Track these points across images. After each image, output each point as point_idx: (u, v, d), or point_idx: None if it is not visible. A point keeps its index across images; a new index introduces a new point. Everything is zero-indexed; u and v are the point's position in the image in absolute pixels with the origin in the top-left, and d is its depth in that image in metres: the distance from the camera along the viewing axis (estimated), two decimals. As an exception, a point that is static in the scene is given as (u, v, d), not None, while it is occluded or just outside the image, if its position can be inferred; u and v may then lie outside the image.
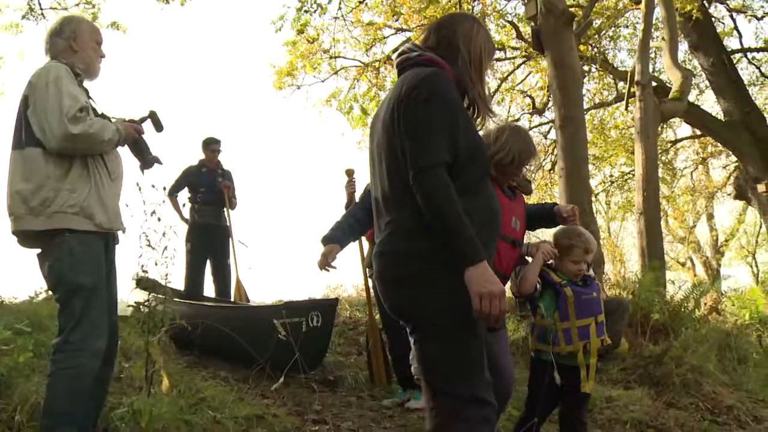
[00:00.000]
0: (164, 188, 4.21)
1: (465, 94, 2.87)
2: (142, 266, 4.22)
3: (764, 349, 9.50)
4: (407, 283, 2.67)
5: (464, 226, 2.51)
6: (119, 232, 3.85)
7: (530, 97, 19.61)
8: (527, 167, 3.81)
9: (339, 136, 50.56)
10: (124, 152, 3.89)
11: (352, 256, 6.12)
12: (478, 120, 2.93)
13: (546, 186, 20.87)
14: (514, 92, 19.96)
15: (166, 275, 4.36)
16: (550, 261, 4.01)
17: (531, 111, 19.55)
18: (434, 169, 2.54)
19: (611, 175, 22.86)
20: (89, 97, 3.77)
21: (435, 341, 2.65)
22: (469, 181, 2.69)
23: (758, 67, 20.47)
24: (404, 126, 2.63)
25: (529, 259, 3.98)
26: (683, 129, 23.79)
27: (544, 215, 4.31)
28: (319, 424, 4.77)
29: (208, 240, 8.74)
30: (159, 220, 4.16)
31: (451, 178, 2.58)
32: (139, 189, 4.03)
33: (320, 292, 15.37)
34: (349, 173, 6.15)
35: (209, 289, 8.91)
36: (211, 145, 8.93)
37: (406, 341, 4.15)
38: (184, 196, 8.92)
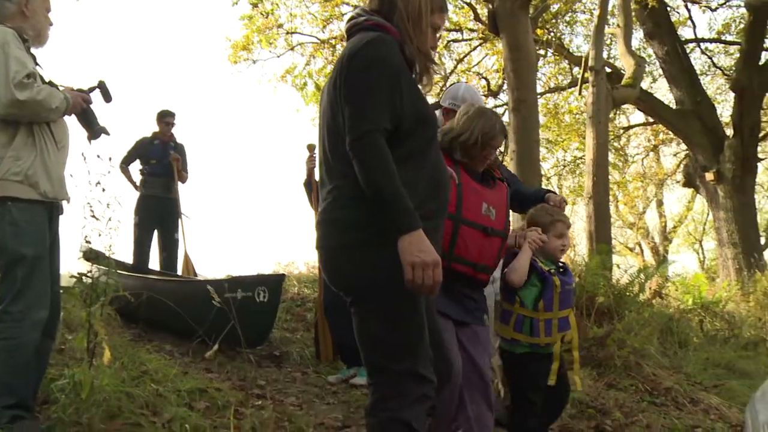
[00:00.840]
0: (110, 158, 4.15)
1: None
2: (86, 237, 4.17)
3: (705, 333, 9.69)
4: (347, 253, 2.60)
5: (399, 193, 2.44)
6: (63, 203, 3.80)
7: (485, 79, 19.66)
8: (495, 149, 3.67)
9: (294, 112, 50.11)
10: (72, 122, 3.84)
11: (304, 233, 6.12)
12: (425, 80, 2.85)
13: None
14: (470, 74, 19.98)
15: (110, 246, 4.32)
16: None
17: (486, 93, 19.58)
18: (371, 135, 2.47)
19: (564, 159, 23.06)
20: (37, 64, 3.70)
21: (374, 315, 2.59)
22: (414, 149, 2.63)
23: (710, 58, 20.77)
24: (345, 92, 2.56)
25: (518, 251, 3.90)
26: (636, 116, 24.06)
27: (537, 200, 4.34)
28: (262, 399, 4.77)
29: (157, 213, 8.64)
30: (104, 190, 4.10)
31: (394, 146, 2.53)
32: (84, 159, 3.97)
33: (271, 269, 15.31)
34: (311, 148, 6.10)
35: (158, 262, 8.86)
36: (165, 118, 8.83)
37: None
38: (135, 168, 8.83)
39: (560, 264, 4.03)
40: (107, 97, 4.01)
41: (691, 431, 5.03)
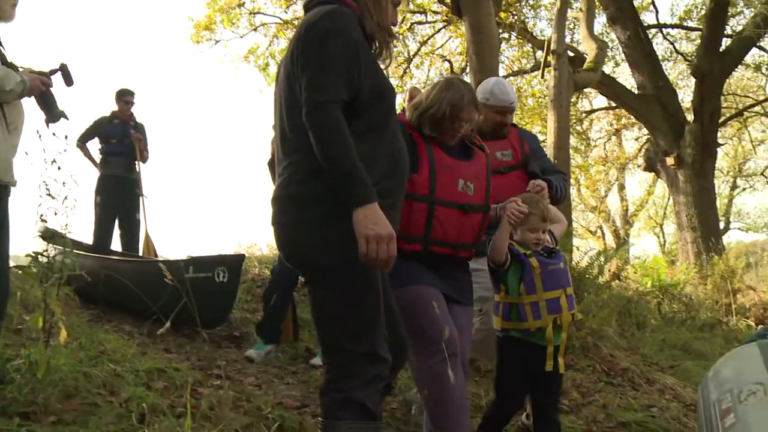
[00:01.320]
0: (65, 137, 4.10)
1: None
2: (41, 216, 4.12)
3: (662, 315, 9.84)
4: (304, 229, 2.56)
5: (354, 166, 2.41)
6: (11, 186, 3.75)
7: (449, 61, 19.67)
8: (465, 122, 3.48)
9: (257, 93, 49.74)
10: (30, 104, 3.80)
11: (267, 215, 6.12)
12: (385, 55, 2.83)
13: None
14: (434, 56, 20.00)
15: (67, 225, 4.27)
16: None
17: (449, 75, 19.63)
18: (327, 105, 2.44)
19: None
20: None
21: (331, 292, 2.57)
22: (371, 124, 2.61)
23: (672, 43, 21.00)
24: (302, 63, 2.52)
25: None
26: (599, 100, 24.24)
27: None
28: (220, 379, 4.76)
29: (118, 193, 8.55)
30: (59, 169, 4.06)
31: (351, 119, 2.50)
32: (39, 137, 3.93)
33: (233, 250, 15.27)
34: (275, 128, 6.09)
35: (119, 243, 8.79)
36: (124, 97, 8.72)
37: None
38: (95, 147, 8.74)
39: (547, 247, 3.85)
40: (68, 80, 3.98)
41: (647, 411, 5.10)
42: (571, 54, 15.29)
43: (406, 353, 3.00)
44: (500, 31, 15.60)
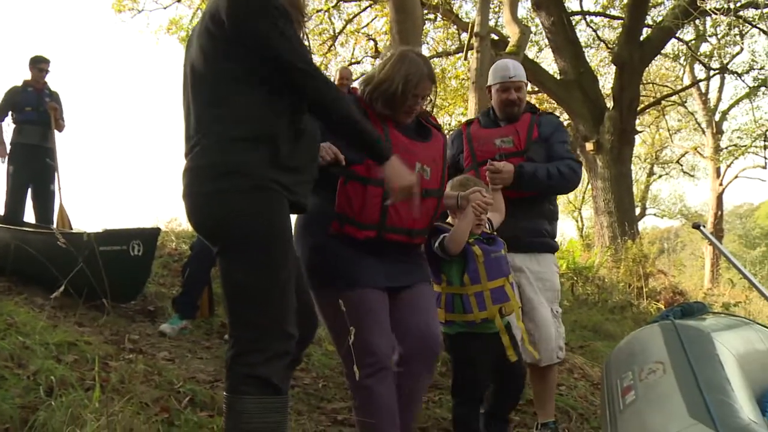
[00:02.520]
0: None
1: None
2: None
3: (575, 297, 10.04)
4: (217, 199, 2.52)
5: (365, 123, 2.66)
6: None
7: (374, 40, 19.67)
8: (423, 98, 3.28)
9: (179, 66, 48.64)
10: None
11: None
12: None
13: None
14: (359, 35, 19.96)
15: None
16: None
17: (374, 54, 19.61)
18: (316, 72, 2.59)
19: (449, 124, 23.32)
20: None
21: (241, 264, 2.54)
22: (295, 99, 2.61)
23: (595, 30, 21.38)
24: (265, 36, 2.50)
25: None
26: (522, 84, 24.44)
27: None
28: (134, 353, 4.72)
29: (32, 163, 8.35)
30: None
31: (278, 95, 2.54)
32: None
33: (151, 224, 15.05)
34: None
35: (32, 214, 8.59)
36: (38, 64, 8.49)
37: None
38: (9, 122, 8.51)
39: (485, 233, 3.76)
40: None
41: (555, 389, 5.21)
42: (495, 37, 15.45)
43: (315, 328, 3.01)
44: (425, 11, 15.63)
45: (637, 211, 28.24)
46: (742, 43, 22.11)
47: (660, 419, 2.74)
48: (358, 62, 20.42)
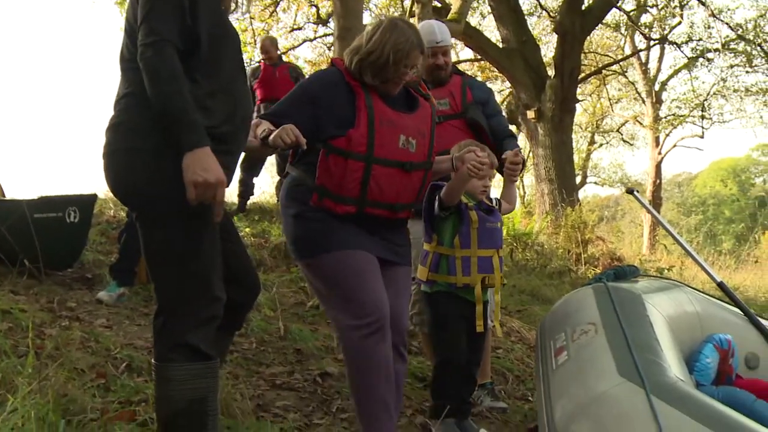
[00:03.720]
0: None
1: None
2: None
3: (515, 263, 10.16)
4: (137, 158, 2.44)
5: (184, 109, 2.33)
6: None
7: (315, 6, 19.47)
8: (410, 68, 3.19)
9: (117, 30, 47.72)
10: None
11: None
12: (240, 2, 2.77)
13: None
14: (301, 0, 19.76)
15: None
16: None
17: (316, 20, 19.47)
18: (160, 45, 2.34)
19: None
20: None
21: (163, 227, 2.48)
22: (211, 66, 2.53)
23: (537, -1, 21.41)
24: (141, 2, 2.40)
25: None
26: (465, 52, 24.55)
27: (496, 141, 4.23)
28: (70, 320, 4.67)
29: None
30: None
31: (189, 60, 2.43)
32: None
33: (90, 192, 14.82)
34: None
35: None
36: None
37: None
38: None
39: (486, 204, 3.79)
40: None
41: (493, 352, 5.28)
42: (437, 4, 15.42)
43: (256, 294, 3.00)
44: (369, -23, 15.53)
45: (578, 179, 28.57)
46: (682, 15, 22.40)
47: (590, 378, 2.80)
48: (299, 28, 20.26)
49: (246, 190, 9.44)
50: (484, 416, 4.21)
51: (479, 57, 20.06)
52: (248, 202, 9.72)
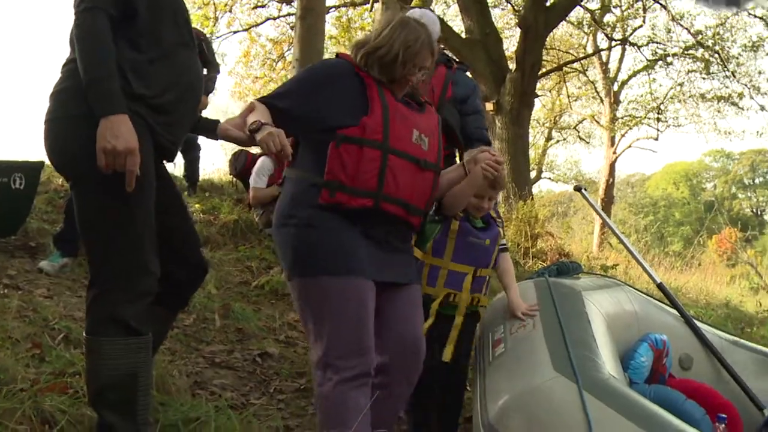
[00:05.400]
0: None
1: None
2: None
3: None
4: (73, 126, 2.42)
5: (103, 76, 2.30)
6: None
7: (279, -10, 19.38)
8: (419, 69, 3.00)
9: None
10: None
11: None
12: None
13: (284, 77, 20.78)
14: (266, -21, 19.65)
15: None
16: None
17: (280, 0, 19.35)
18: (91, 11, 2.31)
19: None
20: None
21: (96, 197, 2.45)
22: (151, 35, 2.50)
23: (502, -9, 21.48)
24: None
25: None
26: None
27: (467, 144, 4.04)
28: (9, 289, 4.60)
29: None
30: None
31: (125, 29, 2.41)
32: None
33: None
34: None
35: None
36: None
37: None
38: None
39: (485, 216, 3.50)
40: None
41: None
42: (403, -9, 15.38)
43: (203, 273, 2.96)
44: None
45: (533, 174, 28.78)
46: (644, 17, 22.63)
47: (525, 371, 2.83)
48: (263, 6, 20.09)
49: (190, 174, 9.13)
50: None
51: (441, 46, 20.09)
52: (199, 178, 9.55)
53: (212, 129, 2.91)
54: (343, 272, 2.78)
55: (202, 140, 8.88)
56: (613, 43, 25.64)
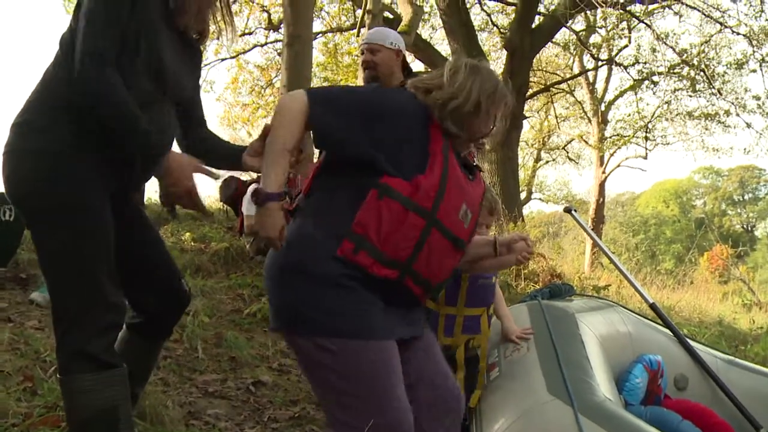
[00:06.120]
0: None
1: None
2: None
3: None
4: (31, 160, 2.37)
5: (138, 116, 2.30)
6: None
7: (267, 12, 19.39)
8: (495, 119, 2.66)
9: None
10: None
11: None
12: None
13: (272, 104, 20.80)
14: (254, 4, 19.66)
15: None
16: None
17: (267, 26, 19.40)
18: (101, 59, 2.27)
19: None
20: None
21: (50, 233, 2.38)
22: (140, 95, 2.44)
23: (489, 15, 21.58)
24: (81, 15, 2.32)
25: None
26: (416, 64, 24.59)
27: None
28: (1, 321, 4.58)
29: None
30: None
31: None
32: None
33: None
34: None
35: None
36: None
37: None
38: None
39: None
40: None
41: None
42: (390, 16, 15.46)
43: (185, 302, 2.91)
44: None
45: (523, 195, 28.81)
46: (630, 37, 22.78)
47: (520, 394, 2.83)
48: (250, 33, 20.17)
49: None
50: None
51: (429, 70, 20.16)
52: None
53: (238, 159, 2.81)
54: (372, 335, 2.38)
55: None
56: (600, 63, 25.80)
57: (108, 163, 2.42)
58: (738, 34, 19.36)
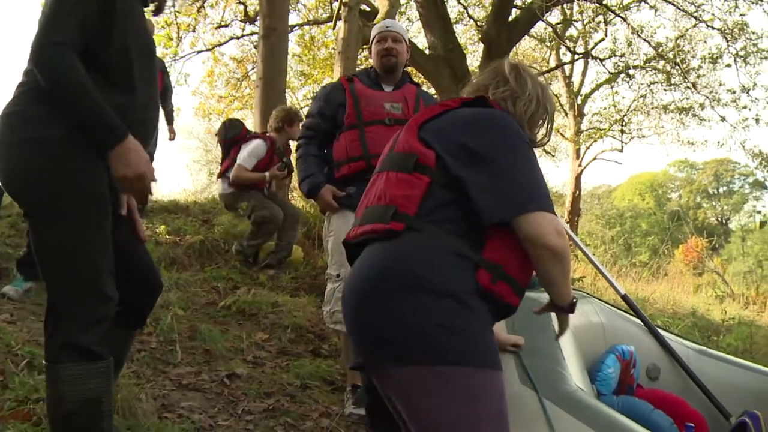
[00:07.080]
0: None
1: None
2: None
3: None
4: (26, 150, 2.37)
5: (102, 109, 2.30)
6: None
7: (243, 4, 19.28)
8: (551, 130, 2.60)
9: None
10: None
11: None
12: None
13: (248, 96, 20.73)
14: (229, -2, 19.60)
15: None
16: None
17: (243, 18, 19.31)
18: (61, 46, 2.28)
19: (315, 92, 23.23)
20: None
21: (51, 223, 2.39)
22: (123, 78, 2.47)
23: (465, 7, 21.59)
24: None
25: None
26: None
27: None
28: (-29, 315, 4.55)
29: None
30: None
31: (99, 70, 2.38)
32: None
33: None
34: None
35: None
36: None
37: None
38: None
39: None
40: None
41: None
42: (365, 8, 15.43)
43: (156, 294, 2.92)
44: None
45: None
46: (606, 31, 22.90)
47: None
48: (227, 25, 20.07)
49: None
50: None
51: (406, 63, 20.14)
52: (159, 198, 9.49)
53: None
54: (496, 366, 2.16)
55: (163, 155, 8.82)
56: (576, 56, 25.93)
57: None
58: (713, 28, 19.54)
